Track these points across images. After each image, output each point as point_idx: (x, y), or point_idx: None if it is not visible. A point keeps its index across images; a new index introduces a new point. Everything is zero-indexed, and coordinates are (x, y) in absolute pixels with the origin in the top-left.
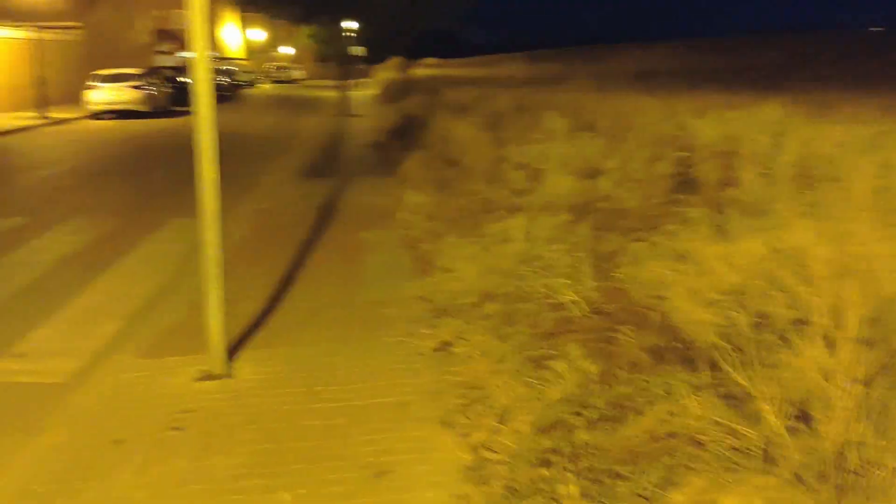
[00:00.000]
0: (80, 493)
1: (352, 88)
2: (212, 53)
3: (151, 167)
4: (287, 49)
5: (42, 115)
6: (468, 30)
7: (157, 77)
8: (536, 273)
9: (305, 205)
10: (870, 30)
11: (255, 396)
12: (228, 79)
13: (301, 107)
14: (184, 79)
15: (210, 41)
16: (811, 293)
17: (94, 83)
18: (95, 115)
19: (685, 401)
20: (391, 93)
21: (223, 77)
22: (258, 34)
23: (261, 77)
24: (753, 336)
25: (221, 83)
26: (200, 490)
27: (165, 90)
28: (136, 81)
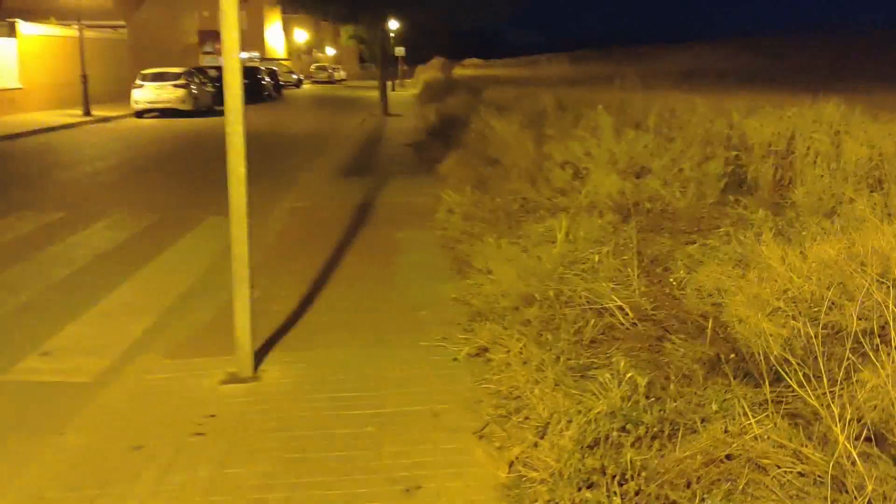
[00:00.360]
0: (94, 502)
1: (393, 88)
2: (255, 54)
3: (192, 165)
4: (329, 50)
5: (86, 113)
6: (511, 30)
7: (201, 76)
8: (579, 277)
9: (342, 203)
10: None
11: (282, 401)
12: (272, 79)
13: (342, 106)
14: None
15: (254, 41)
16: (890, 302)
17: (139, 82)
18: (139, 114)
19: (744, 419)
20: (432, 92)
21: (267, 77)
22: (301, 35)
23: (303, 77)
24: (822, 349)
25: (265, 83)
26: (221, 502)
27: (208, 89)
28: (180, 80)
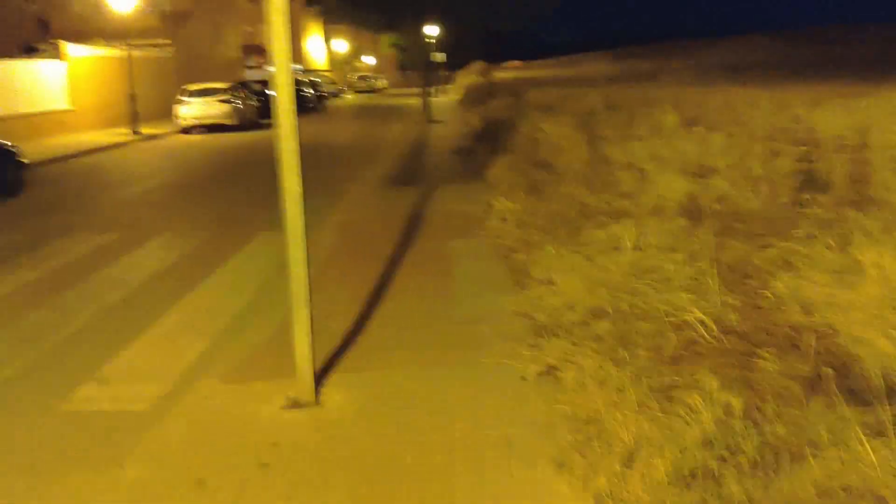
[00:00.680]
0: None
1: (434, 95)
2: (297, 66)
3: (239, 180)
4: (369, 59)
5: (134, 131)
6: (549, 30)
7: (245, 91)
8: (652, 287)
9: (392, 214)
10: None
11: (346, 428)
12: (313, 90)
13: (384, 115)
14: (270, 92)
15: (294, 53)
16: None
17: (183, 98)
18: (185, 130)
19: (857, 444)
20: (474, 97)
21: (308, 89)
22: (341, 45)
23: (344, 87)
24: None
25: (307, 95)
26: None
27: (252, 104)
28: (224, 96)
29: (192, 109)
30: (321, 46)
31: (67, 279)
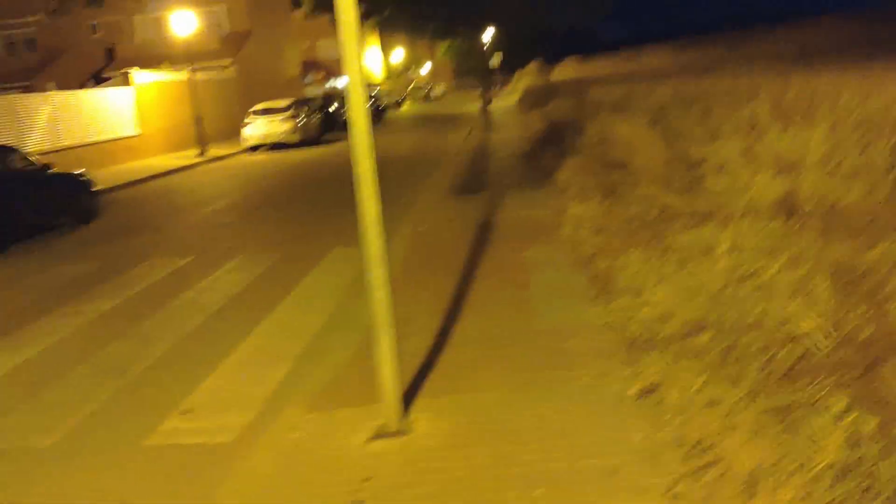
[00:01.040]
0: None
1: (493, 99)
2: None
3: (308, 196)
4: (425, 67)
5: (201, 153)
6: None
7: (307, 107)
8: (754, 294)
9: (462, 223)
10: None
11: (438, 459)
12: (373, 102)
13: (444, 123)
14: (332, 107)
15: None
16: None
17: (249, 119)
18: (251, 150)
19: None
20: (533, 98)
21: (369, 101)
22: (397, 54)
23: (402, 97)
24: None
25: None
26: None
27: (315, 120)
28: (287, 113)
29: (257, 129)
30: (378, 58)
31: (145, 307)
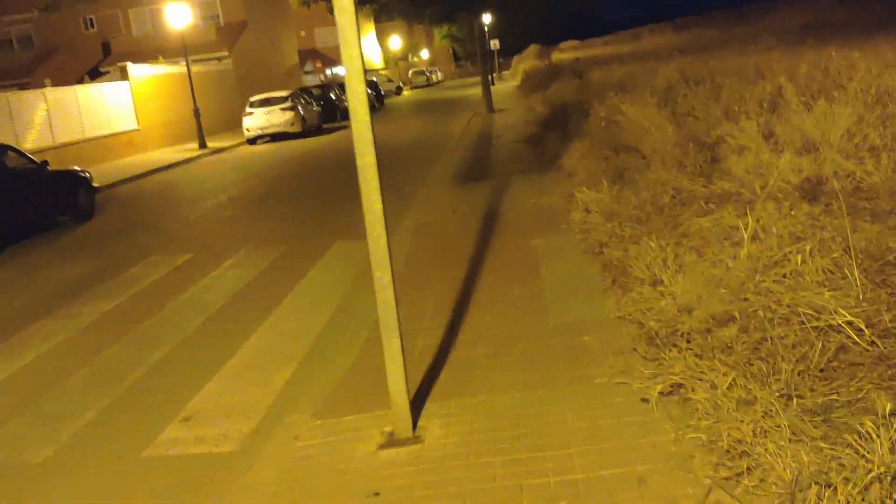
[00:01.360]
0: None
1: (492, 82)
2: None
3: (308, 188)
4: (423, 53)
5: (201, 146)
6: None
7: (305, 97)
8: (782, 284)
9: (467, 212)
10: None
11: (452, 469)
12: (373, 90)
13: (445, 108)
14: (332, 95)
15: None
16: None
17: (249, 109)
18: (251, 141)
19: None
20: (534, 82)
21: (368, 89)
22: (395, 42)
23: (401, 84)
24: None
25: (367, 95)
26: None
27: (314, 109)
28: (286, 104)
29: (257, 120)
30: (376, 45)
31: (145, 307)
